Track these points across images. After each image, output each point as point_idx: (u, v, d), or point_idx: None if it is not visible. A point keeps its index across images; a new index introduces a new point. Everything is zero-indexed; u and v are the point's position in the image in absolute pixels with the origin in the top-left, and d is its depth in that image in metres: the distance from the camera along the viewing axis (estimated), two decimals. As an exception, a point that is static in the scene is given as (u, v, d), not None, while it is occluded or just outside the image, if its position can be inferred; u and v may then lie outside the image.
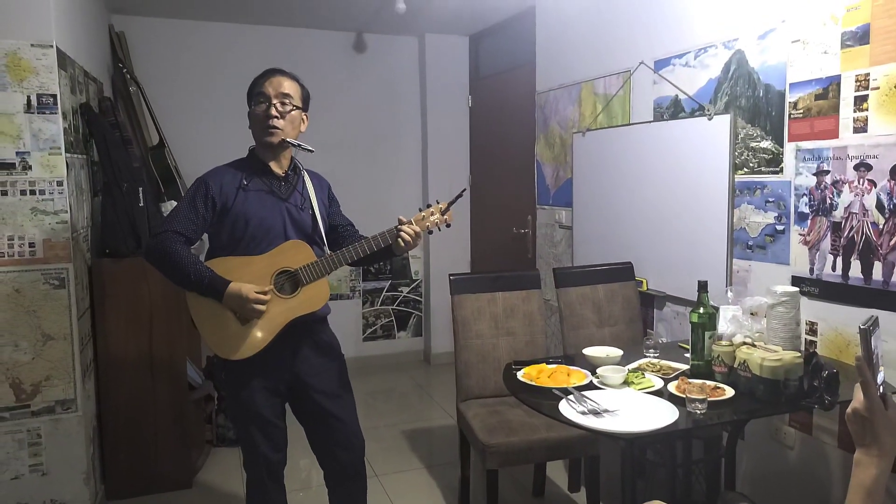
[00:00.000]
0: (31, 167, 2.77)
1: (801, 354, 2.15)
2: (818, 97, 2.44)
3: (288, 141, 2.30)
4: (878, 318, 1.25)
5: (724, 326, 2.37)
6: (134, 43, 4.61)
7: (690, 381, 2.21)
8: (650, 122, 3.33)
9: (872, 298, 2.28)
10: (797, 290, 2.39)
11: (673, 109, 3.19)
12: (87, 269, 3.13)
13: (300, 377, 2.38)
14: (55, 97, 2.77)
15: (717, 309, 2.40)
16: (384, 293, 5.63)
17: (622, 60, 3.53)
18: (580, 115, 3.93)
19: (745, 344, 2.26)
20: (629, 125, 3.48)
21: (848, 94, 2.33)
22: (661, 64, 3.26)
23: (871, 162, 2.26)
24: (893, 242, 2.22)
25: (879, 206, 2.25)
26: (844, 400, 1.95)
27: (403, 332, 5.72)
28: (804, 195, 2.53)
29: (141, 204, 3.29)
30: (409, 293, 5.70)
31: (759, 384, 2.10)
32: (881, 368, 1.24)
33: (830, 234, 2.43)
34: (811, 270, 2.52)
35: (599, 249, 3.73)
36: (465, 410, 2.98)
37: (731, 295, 2.54)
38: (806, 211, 2.53)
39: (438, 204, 2.41)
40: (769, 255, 2.71)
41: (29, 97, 2.74)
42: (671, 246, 3.20)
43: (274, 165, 2.34)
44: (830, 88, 2.39)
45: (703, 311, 2.34)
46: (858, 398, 1.15)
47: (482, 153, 5.42)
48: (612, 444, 2.99)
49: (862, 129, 2.28)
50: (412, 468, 3.65)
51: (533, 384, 2.31)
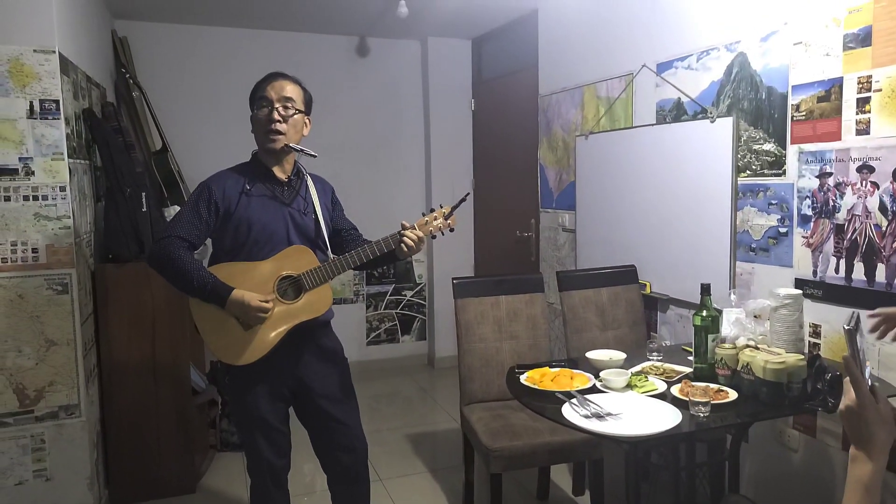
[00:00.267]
0: (33, 173, 2.77)
1: (804, 357, 2.14)
2: (820, 99, 2.44)
3: (291, 146, 2.30)
4: (859, 314, 1.28)
5: (727, 329, 2.36)
6: (137, 48, 4.63)
7: (694, 384, 2.21)
8: (653, 124, 3.33)
9: (876, 301, 2.27)
10: (800, 292, 2.39)
11: (675, 112, 3.18)
12: (90, 274, 3.14)
13: (303, 382, 2.38)
14: (58, 103, 2.78)
15: (720, 312, 2.40)
16: (388, 297, 5.62)
17: (624, 63, 3.53)
18: (583, 118, 3.93)
19: (748, 347, 2.25)
20: (632, 128, 3.48)
21: (850, 96, 2.32)
22: (663, 67, 3.26)
23: (873, 164, 2.26)
24: (897, 244, 2.21)
25: (882, 208, 2.24)
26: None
27: (407, 336, 5.71)
28: (807, 197, 2.53)
29: (144, 209, 3.29)
30: (412, 297, 5.69)
31: (762, 387, 2.09)
32: (867, 363, 1.26)
33: (833, 236, 2.43)
34: (814, 273, 2.51)
35: (603, 252, 3.72)
36: (468, 414, 2.97)
37: (734, 298, 2.54)
38: (809, 213, 2.52)
39: (442, 208, 2.41)
40: (772, 257, 2.70)
41: (31, 103, 2.75)
42: (674, 249, 3.20)
43: (277, 170, 2.34)
44: (833, 90, 2.39)
45: (706, 313, 2.34)
46: (850, 395, 1.16)
47: (485, 157, 5.42)
48: (615, 447, 2.98)
49: (864, 131, 2.28)
50: (416, 472, 3.65)
51: (536, 388, 2.30)
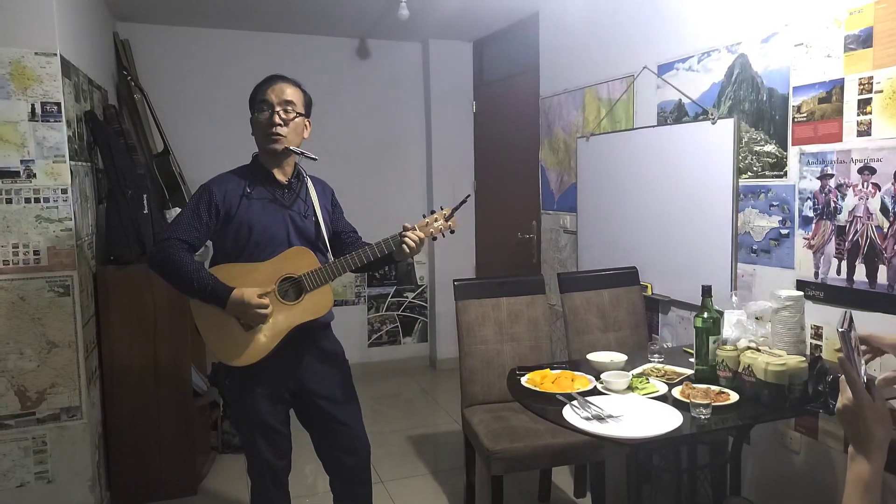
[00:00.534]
0: (35, 175, 2.78)
1: (805, 359, 2.14)
2: (822, 101, 2.43)
3: (291, 149, 2.30)
4: (851, 313, 1.28)
5: (728, 331, 2.36)
6: (138, 50, 4.64)
7: (695, 385, 2.20)
8: (654, 126, 3.32)
9: (877, 302, 2.27)
10: (802, 294, 2.38)
11: (676, 114, 3.18)
12: (91, 276, 3.14)
13: (304, 384, 2.38)
14: (59, 105, 2.79)
15: (721, 313, 2.39)
16: (389, 299, 5.62)
17: (625, 65, 3.53)
18: (584, 120, 3.93)
19: (749, 348, 2.25)
20: (633, 130, 3.48)
21: (851, 97, 2.32)
22: (664, 68, 3.26)
23: (875, 165, 2.25)
24: (898, 246, 2.21)
25: (884, 209, 2.24)
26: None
27: (409, 337, 5.71)
28: (808, 199, 2.52)
29: (145, 211, 3.29)
30: (414, 299, 5.69)
31: (763, 389, 2.09)
32: (863, 361, 1.28)
33: (835, 237, 2.42)
34: (816, 274, 2.51)
35: (604, 254, 3.72)
36: (469, 416, 2.97)
37: (735, 299, 2.53)
38: (810, 215, 2.52)
39: (443, 210, 2.41)
40: (773, 259, 2.70)
41: (33, 105, 2.75)
42: (676, 250, 3.19)
43: (277, 172, 2.34)
44: (834, 92, 2.38)
45: (707, 315, 2.33)
46: (847, 395, 1.17)
47: (486, 159, 5.42)
48: (617, 449, 2.97)
49: (866, 132, 2.27)
50: (418, 474, 3.65)
51: (537, 390, 2.30)
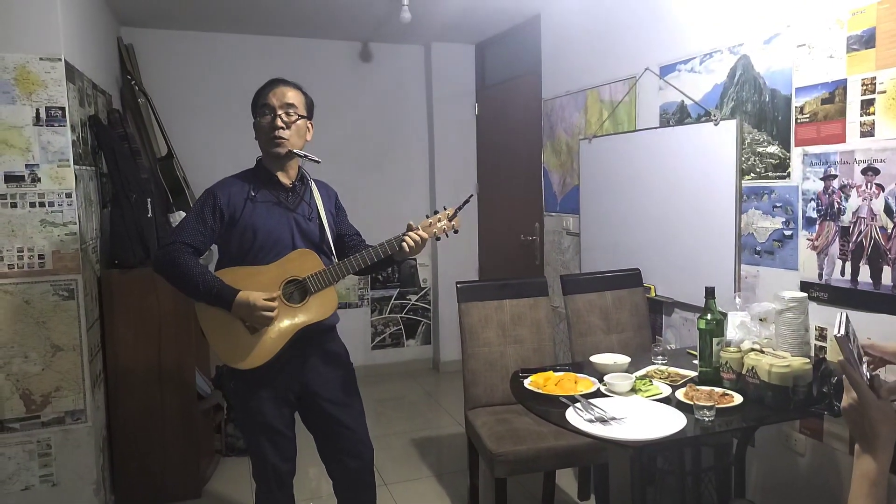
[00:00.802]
0: (40, 179, 2.79)
1: (809, 360, 2.14)
2: (825, 101, 2.43)
3: (295, 152, 2.31)
4: (847, 315, 1.29)
5: (732, 333, 2.35)
6: (142, 55, 4.65)
7: (698, 387, 2.20)
8: (656, 128, 3.32)
9: (882, 303, 2.26)
10: (805, 295, 2.38)
11: (679, 115, 3.18)
12: (96, 280, 3.15)
13: (309, 386, 2.38)
14: (63, 110, 2.80)
15: (725, 315, 2.39)
16: (392, 301, 5.62)
17: (627, 67, 3.53)
18: (586, 121, 3.93)
19: (753, 350, 2.24)
20: (635, 131, 3.48)
21: (854, 98, 2.31)
22: (666, 70, 3.25)
23: (878, 166, 2.25)
24: (902, 247, 2.20)
25: (888, 210, 2.23)
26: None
27: (412, 340, 5.71)
28: (812, 200, 2.52)
29: (149, 215, 3.30)
30: (417, 301, 5.70)
31: (767, 391, 2.08)
32: (864, 360, 1.30)
33: (839, 238, 2.42)
34: (820, 276, 2.50)
35: (607, 256, 3.72)
36: (473, 419, 2.97)
37: (739, 301, 2.52)
38: (814, 216, 2.51)
39: (446, 210, 2.42)
40: (777, 260, 2.69)
41: (38, 110, 2.76)
42: (679, 252, 3.19)
43: (281, 176, 2.35)
44: (837, 92, 2.38)
45: (710, 317, 2.33)
46: (852, 395, 1.18)
47: (489, 161, 5.42)
48: (620, 451, 2.97)
49: (869, 133, 2.27)
50: (421, 477, 3.64)
51: (540, 392, 2.30)
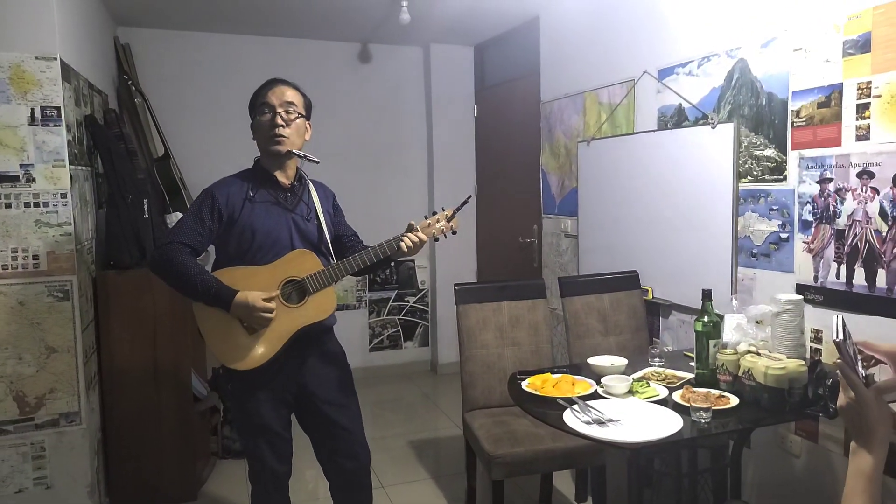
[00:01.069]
0: (34, 179, 2.78)
1: (805, 362, 2.14)
2: (820, 105, 2.44)
3: (294, 152, 2.31)
4: (843, 318, 1.30)
5: (728, 335, 2.35)
6: (139, 55, 4.65)
7: (695, 389, 2.21)
8: (654, 130, 3.33)
9: (876, 306, 2.27)
10: (801, 298, 2.38)
11: (677, 118, 3.19)
12: (91, 281, 3.14)
13: (306, 387, 2.38)
14: (59, 109, 2.79)
15: (721, 317, 2.39)
16: (390, 303, 5.62)
17: (626, 70, 3.54)
18: (585, 124, 3.93)
19: (749, 352, 2.24)
20: (633, 134, 3.48)
21: (850, 102, 2.32)
22: (664, 73, 3.26)
23: (873, 170, 2.25)
24: (898, 250, 2.21)
25: (882, 213, 2.24)
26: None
27: (410, 342, 5.71)
28: (808, 203, 2.52)
29: (146, 216, 3.29)
30: (415, 303, 5.69)
31: (763, 393, 2.09)
32: (860, 360, 1.32)
33: (834, 241, 2.42)
34: (815, 278, 2.51)
35: (605, 258, 3.72)
36: (470, 421, 2.97)
37: (735, 303, 2.53)
38: (809, 219, 2.52)
39: (444, 211, 2.42)
40: (773, 263, 2.70)
41: (33, 109, 2.76)
42: (676, 254, 3.19)
43: (280, 175, 2.34)
44: (833, 96, 2.39)
45: (707, 319, 2.33)
46: (849, 393, 1.19)
47: (488, 163, 5.43)
48: (617, 453, 2.97)
49: (864, 136, 2.28)
50: (419, 479, 3.64)
51: (538, 394, 2.30)
